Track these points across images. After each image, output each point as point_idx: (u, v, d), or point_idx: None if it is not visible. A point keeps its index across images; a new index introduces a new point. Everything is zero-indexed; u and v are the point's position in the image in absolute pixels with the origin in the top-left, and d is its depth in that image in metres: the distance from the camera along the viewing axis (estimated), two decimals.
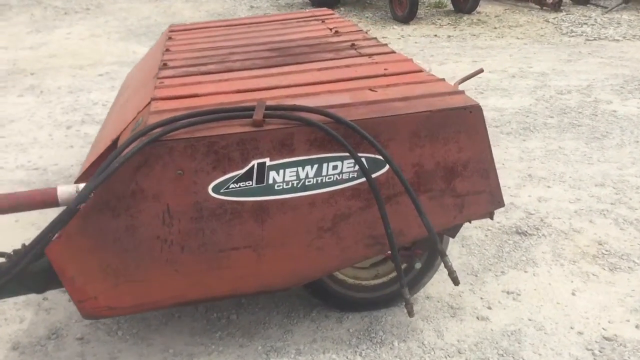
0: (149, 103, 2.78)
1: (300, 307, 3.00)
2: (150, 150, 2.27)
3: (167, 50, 3.98)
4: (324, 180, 2.42)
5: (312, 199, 2.43)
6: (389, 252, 2.78)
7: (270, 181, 2.38)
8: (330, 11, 4.90)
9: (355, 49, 3.54)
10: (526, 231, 3.67)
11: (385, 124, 2.41)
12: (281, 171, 2.38)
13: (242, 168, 2.35)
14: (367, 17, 11.31)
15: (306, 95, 2.71)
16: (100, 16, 12.93)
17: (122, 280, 2.41)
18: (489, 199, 2.60)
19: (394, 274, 2.94)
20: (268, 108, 2.41)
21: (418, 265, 2.89)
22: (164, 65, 3.52)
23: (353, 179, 2.44)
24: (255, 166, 2.36)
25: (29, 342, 2.81)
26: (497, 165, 2.54)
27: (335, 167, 2.42)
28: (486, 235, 3.65)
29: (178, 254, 2.41)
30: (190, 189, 2.34)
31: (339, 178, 2.43)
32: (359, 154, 2.41)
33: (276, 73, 3.15)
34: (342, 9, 11.87)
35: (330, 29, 4.18)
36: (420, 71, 2.99)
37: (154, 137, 2.25)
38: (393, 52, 3.40)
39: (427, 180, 2.51)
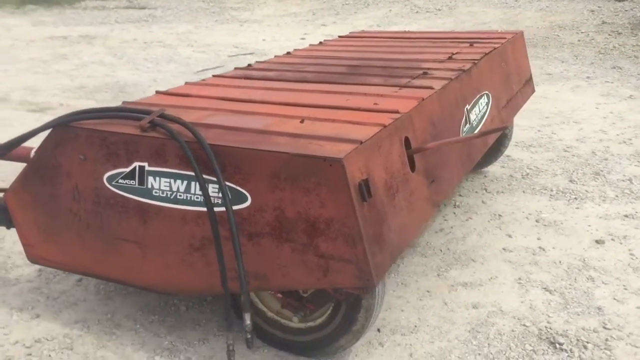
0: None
1: None
2: (63, 132, 2.63)
3: (288, 52, 4.20)
4: (192, 199, 2.43)
5: (183, 214, 2.46)
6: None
7: (149, 185, 2.50)
8: (506, 36, 4.38)
9: (413, 78, 3.22)
10: (563, 344, 2.84)
11: (246, 156, 2.27)
12: (157, 178, 2.48)
13: (127, 167, 2.53)
14: None
15: (247, 114, 2.70)
16: (444, 17, 13.38)
17: (49, 239, 2.84)
18: (355, 272, 2.21)
19: (321, 320, 2.70)
20: (161, 116, 2.52)
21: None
22: (248, 66, 3.79)
23: (218, 204, 2.38)
24: (137, 168, 2.51)
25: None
26: None
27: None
28: (513, 331, 2.96)
29: (85, 230, 2.73)
30: (91, 175, 2.62)
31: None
32: (226, 183, 2.34)
33: (294, 89, 3.14)
34: None
35: (453, 54, 3.81)
36: (396, 112, 2.62)
37: (60, 121, 2.60)
38: (431, 87, 3.00)
39: (288, 228, 2.27)
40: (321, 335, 2.67)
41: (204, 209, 2.39)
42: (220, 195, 2.34)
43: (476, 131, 3.42)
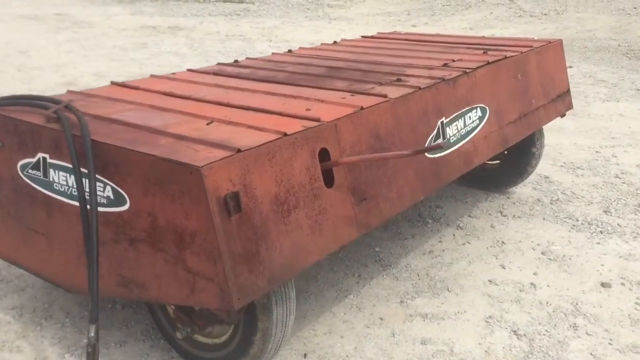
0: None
1: None
2: None
3: (291, 50, 4.04)
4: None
5: (77, 210, 2.38)
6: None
7: (51, 178, 2.44)
8: (534, 44, 3.95)
9: (380, 84, 2.96)
10: None
11: (122, 155, 2.14)
12: (57, 172, 2.41)
13: (33, 157, 2.48)
14: None
15: (165, 111, 2.57)
16: (547, 23, 12.57)
17: None
18: (217, 292, 2.01)
19: (225, 338, 2.53)
20: (67, 107, 2.44)
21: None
22: (234, 62, 3.67)
23: (104, 204, 2.27)
24: (41, 159, 2.45)
25: None
26: None
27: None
28: None
29: (7, 216, 2.72)
30: (8, 162, 2.60)
31: None
32: (106, 180, 2.22)
33: (245, 88, 2.98)
34: None
35: (453, 60, 3.48)
36: (317, 120, 2.39)
37: None
38: (385, 96, 2.72)
39: (160, 237, 2.12)
40: (222, 354, 2.51)
41: (98, 208, 2.29)
42: (103, 193, 2.23)
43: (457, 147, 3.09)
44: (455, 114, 3.10)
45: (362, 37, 4.73)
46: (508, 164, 4.44)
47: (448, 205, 4.30)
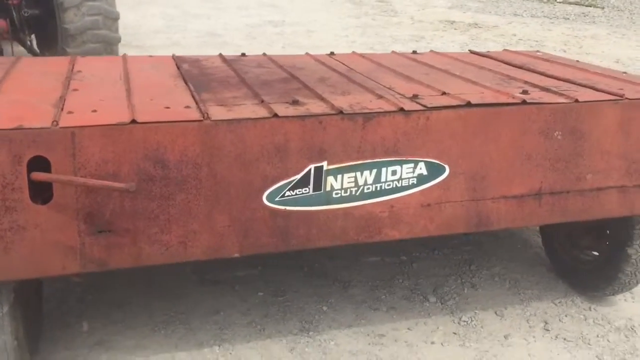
0: None
1: None
2: None
3: (333, 54, 3.59)
4: None
5: None
6: None
7: None
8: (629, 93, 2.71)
9: (262, 102, 2.43)
10: None
11: None
12: None
13: None
14: None
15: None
16: None
17: None
18: None
19: None
20: None
21: None
22: (241, 55, 3.45)
23: None
24: None
25: None
26: None
27: None
28: None
29: None
30: None
31: None
32: None
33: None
34: None
35: (442, 94, 2.64)
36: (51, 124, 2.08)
37: None
38: (204, 114, 2.21)
39: None
40: None
41: None
42: None
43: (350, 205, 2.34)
44: (356, 163, 2.32)
45: (470, 51, 3.83)
46: (602, 260, 3.16)
47: (487, 289, 3.27)
